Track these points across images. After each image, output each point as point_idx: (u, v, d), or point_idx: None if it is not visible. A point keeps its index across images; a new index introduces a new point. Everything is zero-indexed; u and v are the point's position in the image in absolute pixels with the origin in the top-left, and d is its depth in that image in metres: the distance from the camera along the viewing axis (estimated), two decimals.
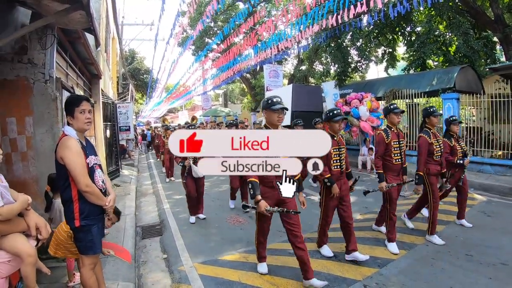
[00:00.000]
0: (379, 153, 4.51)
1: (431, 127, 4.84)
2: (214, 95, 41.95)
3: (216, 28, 23.11)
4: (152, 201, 8.16)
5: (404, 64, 15.75)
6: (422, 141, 4.72)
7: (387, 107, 4.70)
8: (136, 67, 30.64)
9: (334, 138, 4.08)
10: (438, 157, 4.77)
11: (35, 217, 2.14)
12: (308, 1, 10.71)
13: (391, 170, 4.49)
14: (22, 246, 2.01)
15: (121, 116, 13.76)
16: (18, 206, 2.02)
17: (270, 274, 3.89)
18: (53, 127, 4.29)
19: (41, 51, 4.31)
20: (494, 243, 4.63)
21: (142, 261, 4.52)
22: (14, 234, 2.04)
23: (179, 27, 16.38)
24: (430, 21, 12.66)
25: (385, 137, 4.44)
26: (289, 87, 13.40)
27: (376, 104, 10.51)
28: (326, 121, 4.20)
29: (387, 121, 4.62)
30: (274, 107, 3.29)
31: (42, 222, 2.15)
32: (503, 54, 13.50)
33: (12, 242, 2.00)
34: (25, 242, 2.05)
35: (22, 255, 1.99)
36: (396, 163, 4.46)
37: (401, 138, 4.52)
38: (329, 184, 4.04)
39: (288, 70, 27.65)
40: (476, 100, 10.02)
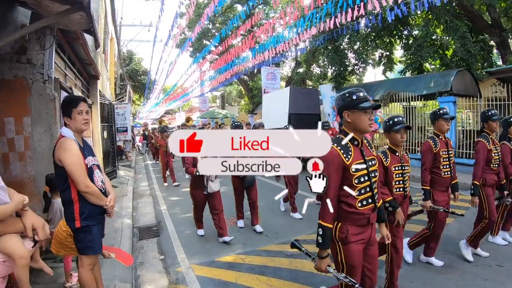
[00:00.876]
0: (426, 165, 3.86)
1: (490, 132, 4.22)
2: (212, 97, 41.93)
3: (214, 30, 23.16)
4: (149, 202, 8.15)
5: (401, 67, 15.83)
6: (480, 146, 4.14)
7: (435, 111, 4.01)
8: (134, 68, 30.63)
9: (396, 153, 3.41)
10: (496, 166, 4.23)
11: (32, 217, 2.10)
12: (306, 3, 10.75)
13: (438, 185, 3.90)
14: (14, 247, 1.97)
15: (119, 117, 13.77)
16: (11, 207, 1.97)
17: (267, 275, 3.90)
18: (51, 128, 4.29)
19: (40, 51, 4.30)
20: (490, 245, 4.64)
21: (139, 262, 4.52)
22: (9, 234, 2.00)
23: (178, 29, 16.40)
24: (427, 24, 12.76)
25: (432, 146, 3.83)
26: (287, 89, 13.44)
27: None
28: (385, 131, 3.48)
29: (435, 128, 3.96)
30: (363, 105, 2.31)
31: (39, 223, 2.11)
32: (499, 58, 13.62)
33: (5, 243, 1.96)
34: (18, 243, 2.00)
35: (14, 256, 1.95)
36: (445, 176, 3.87)
37: (450, 147, 3.93)
38: (390, 209, 3.23)
39: (285, 73, 27.71)
40: (473, 104, 10.09)
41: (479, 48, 11.90)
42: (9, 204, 1.94)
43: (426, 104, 14.26)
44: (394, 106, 12.79)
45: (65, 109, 2.70)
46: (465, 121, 13.54)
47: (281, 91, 15.08)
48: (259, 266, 4.20)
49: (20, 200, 2.01)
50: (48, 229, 2.17)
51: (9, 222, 1.97)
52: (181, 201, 8.09)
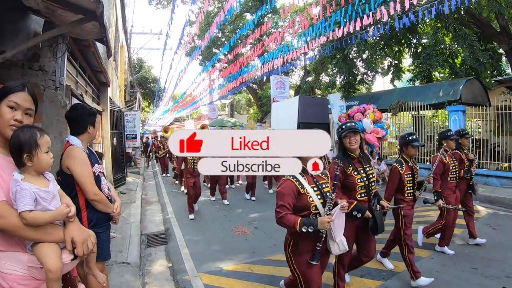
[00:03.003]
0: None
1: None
2: (221, 105, 42.08)
3: (223, 39, 23.31)
4: (157, 209, 8.18)
5: (410, 76, 15.75)
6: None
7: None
8: (143, 76, 30.91)
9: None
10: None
11: (74, 230, 2.00)
12: (314, 12, 10.80)
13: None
14: (45, 258, 1.92)
15: (128, 124, 13.87)
16: (49, 216, 1.90)
17: (275, 285, 3.87)
18: (62, 134, 4.33)
19: (52, 59, 4.38)
20: (499, 256, 4.58)
21: (147, 270, 4.52)
22: (47, 243, 1.94)
23: (187, 37, 16.55)
24: (436, 33, 12.69)
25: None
26: (296, 98, 13.45)
27: (379, 115, 10.39)
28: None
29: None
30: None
31: (80, 237, 2.01)
32: (508, 66, 13.50)
33: (40, 251, 1.92)
34: (51, 255, 1.93)
35: (44, 267, 1.92)
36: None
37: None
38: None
39: (294, 82, 27.73)
40: (482, 112, 10.00)
41: (488, 57, 11.79)
42: (48, 212, 1.90)
43: (435, 114, 14.16)
44: (403, 115, 12.72)
45: (90, 119, 2.75)
46: (475, 130, 13.41)
47: (290, 100, 15.11)
48: (267, 275, 4.18)
49: (61, 212, 1.94)
50: (91, 243, 2.10)
51: (48, 230, 1.91)
52: None
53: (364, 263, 3.54)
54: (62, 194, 2.09)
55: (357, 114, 10.61)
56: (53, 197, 1.96)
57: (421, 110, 11.61)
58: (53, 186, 2.00)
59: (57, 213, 1.93)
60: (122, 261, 4.44)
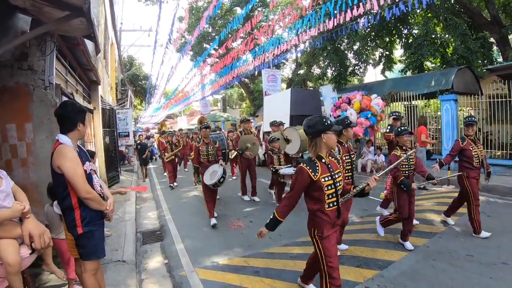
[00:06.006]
0: None
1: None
2: (213, 100, 41.99)
3: (214, 34, 23.19)
4: (152, 206, 8.15)
5: (401, 67, 15.80)
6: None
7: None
8: (134, 73, 30.66)
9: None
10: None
11: (31, 225, 2.06)
12: (304, 3, 10.75)
13: None
14: (4, 253, 1.94)
15: (120, 122, 13.79)
16: (6, 214, 1.94)
17: (271, 278, 3.89)
18: (53, 134, 4.28)
19: (41, 58, 4.32)
20: (495, 243, 4.63)
21: (143, 267, 4.51)
22: (5, 240, 1.97)
23: (177, 33, 16.43)
24: (427, 23, 12.72)
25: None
26: (288, 91, 13.43)
27: (367, 101, 10.10)
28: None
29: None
30: None
31: (37, 231, 2.06)
32: (500, 55, 13.59)
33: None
34: (9, 250, 1.96)
35: (4, 262, 1.94)
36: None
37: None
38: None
39: (286, 75, 27.72)
40: (474, 101, 10.07)
41: (479, 45, 11.86)
42: (5, 210, 1.92)
43: (428, 104, 14.24)
44: (395, 106, 12.77)
45: (80, 116, 2.73)
46: None
47: (282, 93, 15.08)
48: (263, 268, 4.19)
49: (17, 209, 1.98)
50: (47, 237, 2.13)
51: (7, 227, 1.94)
52: (184, 205, 8.09)
53: None
54: (16, 189, 2.11)
55: (342, 104, 10.56)
56: (6, 195, 1.99)
57: (413, 100, 11.65)
58: (6, 184, 2.02)
59: (13, 211, 1.97)
60: (118, 259, 4.42)
